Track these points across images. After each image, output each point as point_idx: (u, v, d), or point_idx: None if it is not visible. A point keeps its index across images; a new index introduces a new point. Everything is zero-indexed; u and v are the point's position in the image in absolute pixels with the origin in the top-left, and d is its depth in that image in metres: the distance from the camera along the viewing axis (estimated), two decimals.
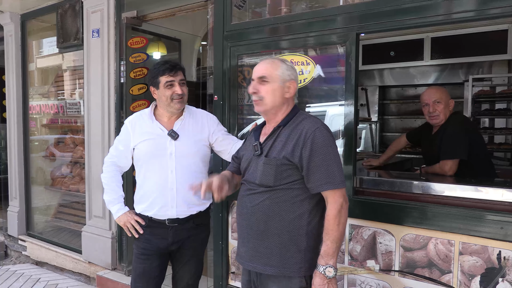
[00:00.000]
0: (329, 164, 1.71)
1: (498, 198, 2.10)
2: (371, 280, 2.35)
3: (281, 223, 1.77)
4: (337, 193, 1.72)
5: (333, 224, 1.70)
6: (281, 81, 1.82)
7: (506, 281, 1.99)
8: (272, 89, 1.82)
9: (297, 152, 1.73)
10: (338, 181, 1.71)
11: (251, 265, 1.86)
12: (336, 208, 1.70)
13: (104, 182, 2.43)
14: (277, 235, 1.77)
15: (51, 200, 5.12)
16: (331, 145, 1.74)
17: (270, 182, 1.76)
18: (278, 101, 1.83)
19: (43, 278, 4.29)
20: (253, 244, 1.83)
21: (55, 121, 4.98)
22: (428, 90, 2.86)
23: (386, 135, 6.00)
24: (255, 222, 1.82)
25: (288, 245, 1.76)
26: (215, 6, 2.98)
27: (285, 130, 1.80)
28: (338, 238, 1.70)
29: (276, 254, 1.77)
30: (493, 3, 2.02)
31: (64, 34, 4.25)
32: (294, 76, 1.85)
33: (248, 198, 1.85)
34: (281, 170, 1.75)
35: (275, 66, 1.84)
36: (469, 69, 5.05)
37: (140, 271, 2.33)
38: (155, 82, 2.26)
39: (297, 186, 1.76)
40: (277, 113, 1.86)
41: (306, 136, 1.72)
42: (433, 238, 2.16)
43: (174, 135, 2.26)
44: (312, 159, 1.71)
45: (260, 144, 1.86)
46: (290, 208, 1.76)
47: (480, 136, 2.91)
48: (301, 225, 1.76)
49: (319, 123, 1.77)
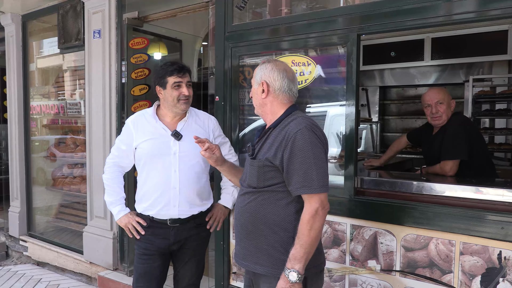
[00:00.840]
0: (308, 167, 1.66)
1: (498, 198, 2.11)
2: (372, 280, 2.36)
3: (267, 225, 1.77)
4: (314, 198, 1.67)
5: (305, 228, 1.65)
6: (256, 83, 1.87)
7: (506, 281, 1.99)
8: (254, 92, 1.90)
9: (279, 154, 1.72)
10: (316, 185, 1.66)
11: (244, 264, 1.87)
12: (309, 213, 1.66)
13: (106, 183, 2.43)
14: (263, 236, 1.78)
15: (52, 200, 5.12)
16: (313, 148, 1.68)
17: (254, 183, 1.78)
18: (258, 102, 1.88)
19: (44, 278, 4.30)
20: (245, 243, 1.85)
21: (55, 122, 4.99)
22: (430, 91, 2.87)
23: (386, 135, 6.00)
24: (244, 223, 1.84)
25: (275, 246, 1.76)
26: (216, 7, 2.99)
27: (274, 132, 1.81)
28: (308, 243, 1.65)
29: (265, 254, 1.78)
30: (493, 4, 2.03)
31: (65, 34, 4.25)
32: (266, 76, 1.83)
33: (240, 198, 1.90)
34: (263, 171, 1.75)
35: (257, 68, 1.89)
36: (469, 70, 5.05)
37: (142, 271, 2.33)
38: (162, 82, 2.27)
39: (281, 189, 1.75)
40: (265, 114, 1.88)
41: (288, 138, 1.70)
42: (434, 238, 2.17)
43: (178, 136, 2.27)
44: (291, 161, 1.68)
45: (252, 146, 1.89)
46: (275, 211, 1.76)
47: (481, 136, 2.92)
48: (287, 228, 1.74)
49: (303, 125, 1.71)
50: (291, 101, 1.87)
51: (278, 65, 1.86)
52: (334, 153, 2.91)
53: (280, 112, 1.84)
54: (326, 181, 1.72)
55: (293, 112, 1.83)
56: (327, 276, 2.50)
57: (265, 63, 1.88)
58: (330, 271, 2.49)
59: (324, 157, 1.75)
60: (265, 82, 1.83)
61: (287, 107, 1.85)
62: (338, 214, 2.44)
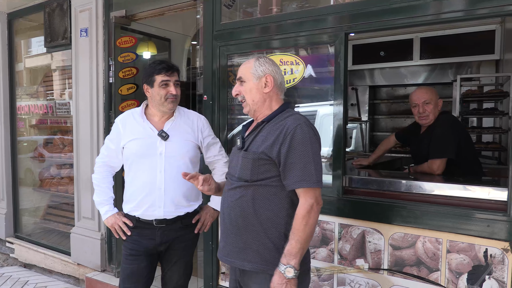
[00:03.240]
0: (307, 162, 1.67)
1: (485, 196, 2.13)
2: (361, 279, 2.36)
3: (258, 220, 1.75)
4: (310, 192, 1.69)
5: (300, 223, 1.66)
6: (255, 78, 1.85)
7: (492, 278, 2.01)
8: (249, 88, 1.86)
9: (276, 147, 1.71)
10: (314, 180, 1.68)
11: (229, 260, 1.85)
12: (306, 208, 1.67)
13: (95, 183, 2.41)
14: (254, 231, 1.76)
15: (39, 201, 5.06)
16: (311, 143, 1.70)
17: (247, 176, 1.76)
18: (258, 97, 1.85)
19: (31, 280, 4.24)
20: (232, 239, 1.83)
21: (44, 122, 4.93)
22: (418, 90, 2.88)
23: (376, 135, 6.03)
24: (234, 217, 1.82)
25: (265, 242, 1.75)
26: (204, 6, 2.97)
27: (268, 126, 1.80)
28: (303, 239, 1.65)
29: (254, 250, 1.76)
30: (480, 3, 2.04)
31: (52, 33, 4.20)
32: (269, 70, 1.84)
33: (229, 193, 1.86)
34: (258, 164, 1.74)
35: (249, 65, 1.87)
36: (457, 69, 5.10)
37: (129, 272, 2.31)
38: (150, 80, 2.25)
39: (274, 184, 1.74)
40: (261, 109, 1.86)
41: (287, 132, 1.70)
42: (421, 237, 2.18)
43: (164, 136, 2.25)
44: (290, 155, 1.69)
45: (243, 139, 1.88)
46: (267, 206, 1.75)
47: (468, 135, 2.94)
48: (279, 224, 1.74)
49: (302, 120, 1.73)
50: (284, 98, 1.91)
51: (274, 61, 1.90)
52: (324, 152, 2.91)
53: (275, 107, 1.86)
54: (321, 176, 1.73)
55: (287, 109, 1.85)
56: (316, 275, 2.49)
57: (261, 58, 1.88)
58: (318, 270, 2.49)
59: (320, 153, 1.77)
60: (270, 76, 1.84)
61: (281, 103, 1.88)
62: (327, 213, 2.44)
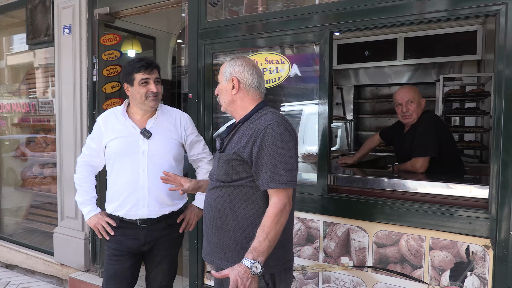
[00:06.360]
0: (277, 162, 1.65)
1: (466, 194, 2.16)
2: (345, 276, 2.38)
3: (235, 220, 1.75)
4: (282, 193, 1.66)
5: (272, 222, 1.62)
6: (225, 79, 1.85)
7: (474, 274, 2.04)
8: (221, 89, 1.88)
9: (248, 148, 1.70)
10: (284, 180, 1.65)
11: (209, 259, 1.85)
12: (278, 207, 1.64)
13: (77, 183, 2.38)
14: (232, 231, 1.76)
15: (22, 201, 4.98)
16: (282, 143, 1.67)
17: (222, 177, 1.77)
18: (228, 99, 1.86)
19: (13, 281, 4.16)
20: (212, 238, 1.83)
21: (26, 120, 4.83)
22: (401, 90, 2.91)
23: (361, 134, 6.08)
24: (212, 217, 1.82)
25: (242, 243, 1.73)
26: (189, 3, 2.96)
27: (243, 126, 1.80)
28: (273, 237, 1.62)
29: (232, 250, 1.76)
30: (463, 4, 2.07)
31: (34, 30, 4.12)
32: (236, 72, 1.82)
33: (209, 193, 1.87)
34: (231, 165, 1.74)
35: (224, 65, 1.88)
36: (440, 69, 5.17)
37: (112, 272, 2.28)
38: (130, 79, 2.22)
39: (249, 184, 1.73)
40: (235, 110, 1.86)
41: (258, 132, 1.69)
42: (405, 234, 2.20)
43: (146, 134, 2.23)
44: (260, 156, 1.67)
45: (221, 140, 1.88)
46: (243, 206, 1.75)
47: (450, 134, 2.98)
48: (255, 224, 1.70)
49: (273, 119, 1.70)
50: (261, 97, 1.87)
51: (247, 62, 1.86)
52: (310, 151, 2.92)
53: (250, 107, 1.83)
54: (294, 176, 1.71)
55: (263, 108, 1.82)
56: (301, 273, 2.51)
57: (234, 59, 1.87)
58: (303, 268, 2.50)
59: (293, 152, 1.74)
60: (236, 78, 1.82)
61: (257, 102, 1.85)
62: (311, 211, 2.45)
